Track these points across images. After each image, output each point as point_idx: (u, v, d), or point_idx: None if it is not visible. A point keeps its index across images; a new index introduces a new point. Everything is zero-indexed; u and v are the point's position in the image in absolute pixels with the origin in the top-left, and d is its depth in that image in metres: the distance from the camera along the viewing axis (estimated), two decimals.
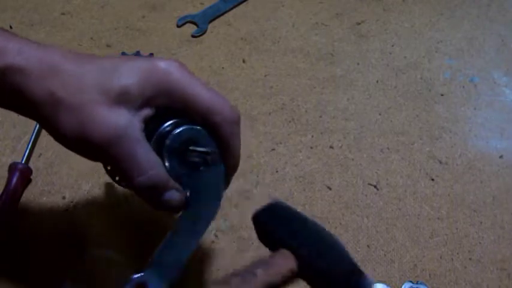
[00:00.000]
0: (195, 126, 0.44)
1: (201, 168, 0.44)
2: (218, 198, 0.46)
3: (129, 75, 0.42)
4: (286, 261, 0.39)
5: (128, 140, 0.41)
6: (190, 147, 0.44)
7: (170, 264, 0.43)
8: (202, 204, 0.45)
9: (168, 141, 0.43)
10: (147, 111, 0.42)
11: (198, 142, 0.44)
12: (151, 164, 0.42)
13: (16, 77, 0.40)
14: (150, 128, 0.43)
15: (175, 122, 0.44)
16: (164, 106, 0.43)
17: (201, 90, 0.43)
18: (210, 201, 0.45)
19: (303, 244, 0.40)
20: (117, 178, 0.49)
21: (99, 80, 0.41)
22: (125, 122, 0.41)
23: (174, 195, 0.44)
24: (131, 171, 0.42)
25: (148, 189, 0.43)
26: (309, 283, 0.41)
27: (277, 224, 0.42)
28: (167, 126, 0.44)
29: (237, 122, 0.45)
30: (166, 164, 0.43)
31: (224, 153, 0.45)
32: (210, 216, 0.45)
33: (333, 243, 0.40)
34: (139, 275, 0.42)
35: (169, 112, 0.43)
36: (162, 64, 0.43)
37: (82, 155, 0.43)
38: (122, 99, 0.41)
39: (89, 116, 0.40)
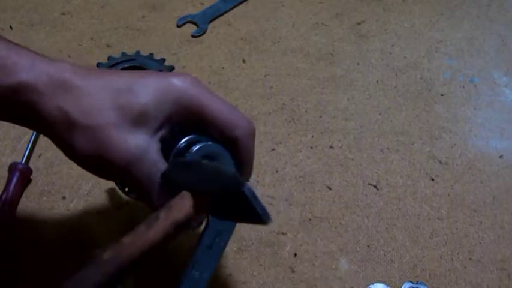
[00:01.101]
0: (212, 143, 0.44)
1: None
2: None
3: (145, 95, 0.41)
4: (185, 200, 0.40)
5: (147, 163, 0.41)
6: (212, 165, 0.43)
7: (198, 281, 0.44)
8: (222, 221, 0.45)
9: (188, 158, 0.42)
10: (163, 131, 0.42)
11: (216, 158, 0.44)
12: (165, 191, 0.42)
13: (29, 95, 0.40)
14: (166, 144, 0.43)
15: (191, 137, 0.43)
16: (181, 121, 0.43)
17: (218, 105, 0.43)
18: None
19: (197, 179, 0.41)
20: (126, 189, 0.49)
21: (115, 99, 0.41)
22: (144, 143, 0.41)
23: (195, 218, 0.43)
24: (151, 193, 0.42)
25: None
26: (212, 214, 0.43)
27: (177, 175, 0.43)
28: (184, 142, 0.43)
29: (253, 135, 0.46)
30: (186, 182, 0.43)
31: (241, 166, 0.45)
32: (231, 229, 0.46)
33: (216, 169, 0.42)
34: None
35: (185, 127, 0.43)
36: (177, 81, 0.42)
37: (95, 174, 0.43)
38: (140, 119, 0.41)
39: (106, 139, 0.40)
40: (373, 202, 0.63)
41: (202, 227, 0.45)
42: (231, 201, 0.39)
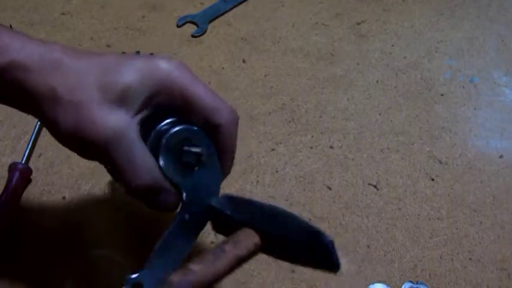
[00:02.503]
0: (192, 127, 0.44)
1: (196, 168, 0.44)
2: (216, 191, 0.46)
3: (130, 74, 0.41)
4: (250, 237, 0.41)
5: (125, 142, 0.41)
6: (185, 148, 0.43)
7: (166, 264, 0.43)
8: (199, 201, 0.45)
9: (164, 140, 0.43)
10: (145, 112, 0.42)
11: (193, 142, 0.43)
12: (147, 167, 0.42)
13: (19, 73, 0.41)
14: (147, 126, 0.43)
15: (172, 121, 0.44)
16: (164, 104, 0.43)
17: (202, 90, 0.43)
18: (208, 196, 0.45)
19: (262, 219, 0.42)
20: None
21: (100, 77, 0.41)
22: (123, 123, 0.41)
23: (169, 197, 0.44)
24: (127, 174, 0.42)
25: (143, 192, 0.43)
26: (274, 254, 0.43)
27: (233, 210, 0.44)
28: (164, 125, 0.43)
29: (236, 123, 0.45)
30: (162, 163, 0.43)
31: (222, 153, 0.45)
32: (209, 209, 0.45)
33: (289, 214, 0.43)
34: (135, 275, 0.42)
35: (167, 110, 0.43)
36: (163, 63, 0.43)
37: (78, 154, 0.43)
38: (122, 98, 0.41)
39: (87, 115, 0.40)
40: (373, 202, 0.63)
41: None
42: (304, 249, 0.40)
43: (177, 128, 0.43)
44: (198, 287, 0.38)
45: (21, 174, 0.61)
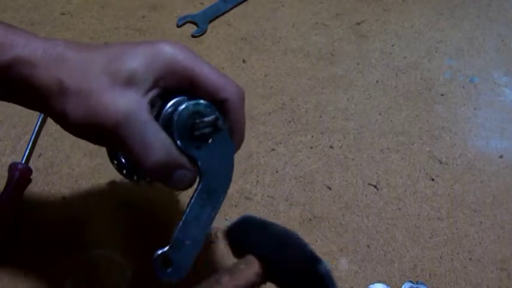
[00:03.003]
0: (200, 100, 0.44)
1: (210, 140, 0.44)
2: (230, 169, 0.46)
3: (135, 59, 0.42)
4: (250, 266, 0.40)
5: (137, 122, 0.41)
6: (197, 120, 0.44)
7: (191, 239, 0.44)
8: (216, 177, 0.45)
9: (175, 117, 0.43)
10: (153, 92, 0.43)
11: (204, 114, 0.44)
12: (162, 143, 0.42)
13: (24, 69, 0.41)
14: (157, 106, 0.44)
15: (181, 99, 0.44)
16: (171, 87, 0.44)
17: (207, 70, 0.44)
18: (222, 173, 0.46)
19: (264, 246, 0.42)
20: (124, 172, 0.49)
21: (106, 66, 0.42)
22: (133, 103, 0.41)
23: (186, 172, 0.44)
24: (143, 153, 0.42)
25: (160, 169, 0.43)
26: (275, 283, 0.42)
27: (245, 236, 0.44)
28: (173, 103, 0.44)
29: (243, 98, 0.47)
30: (176, 138, 0.43)
31: (231, 128, 0.46)
32: (225, 187, 0.46)
33: (291, 241, 0.42)
34: (163, 250, 0.42)
35: (174, 91, 0.44)
36: (166, 47, 0.43)
37: (91, 141, 0.44)
38: (130, 82, 0.42)
39: (97, 101, 0.41)
40: (373, 202, 0.63)
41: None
42: (302, 278, 0.39)
43: (186, 104, 0.44)
44: None
45: (21, 174, 0.61)
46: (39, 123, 0.67)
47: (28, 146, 0.65)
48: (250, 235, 0.43)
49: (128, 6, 0.85)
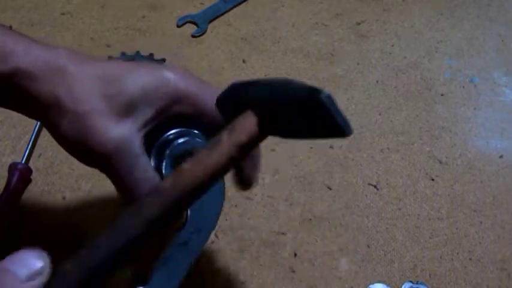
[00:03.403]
0: (197, 139, 0.43)
1: None
2: (217, 212, 0.46)
3: (135, 86, 0.41)
4: (248, 118, 0.37)
5: (127, 155, 0.40)
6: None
7: (170, 278, 0.43)
8: (202, 218, 0.44)
9: (168, 151, 0.42)
10: (151, 125, 0.42)
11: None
12: (149, 181, 0.41)
13: (22, 80, 0.40)
14: (153, 134, 0.43)
15: (178, 131, 0.43)
16: (172, 115, 0.42)
17: (212, 97, 0.42)
18: (209, 215, 0.45)
19: (260, 94, 0.37)
20: None
21: (105, 87, 0.41)
22: (127, 135, 0.40)
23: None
24: (128, 187, 0.41)
25: None
26: (279, 133, 0.37)
27: (237, 95, 0.40)
28: (171, 134, 0.43)
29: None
30: (164, 172, 0.42)
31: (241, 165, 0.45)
32: (210, 228, 0.45)
33: (286, 82, 0.36)
34: None
35: (175, 119, 0.43)
36: (168, 74, 0.42)
37: (80, 161, 0.43)
38: (128, 111, 0.41)
39: (90, 126, 0.40)
40: (373, 202, 0.63)
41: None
42: (303, 114, 0.34)
43: (182, 140, 0.43)
44: (190, 186, 0.35)
45: (21, 174, 0.61)
46: (39, 123, 0.67)
47: (28, 146, 0.65)
48: (242, 93, 0.39)
49: (128, 6, 0.85)
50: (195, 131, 0.44)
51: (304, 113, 0.34)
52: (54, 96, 0.40)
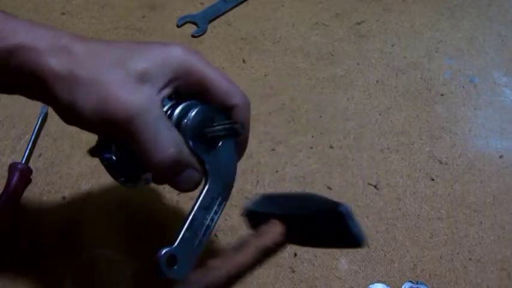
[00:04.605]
0: (210, 105, 0.45)
1: (220, 144, 0.45)
2: (233, 175, 0.47)
3: (148, 58, 0.42)
4: (274, 227, 0.42)
5: (150, 117, 0.41)
6: (211, 123, 0.44)
7: (197, 238, 0.44)
8: (220, 181, 0.46)
9: (189, 119, 0.44)
10: (166, 91, 0.43)
11: (214, 119, 0.45)
12: (174, 140, 0.42)
13: (29, 55, 0.40)
14: (168, 107, 0.44)
15: (188, 103, 0.45)
16: (182, 89, 0.44)
17: (217, 75, 0.45)
18: (227, 178, 0.47)
19: (285, 205, 0.45)
20: (122, 179, 0.48)
21: (119, 59, 0.41)
22: (147, 99, 0.41)
23: (194, 173, 0.44)
24: (154, 148, 0.41)
25: (169, 166, 0.42)
26: (301, 242, 0.45)
27: (265, 208, 0.46)
28: (183, 107, 0.44)
29: (249, 107, 0.47)
30: (189, 142, 0.44)
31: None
32: (228, 191, 0.47)
33: (311, 196, 0.45)
34: (168, 248, 0.42)
35: (182, 95, 0.45)
36: (178, 50, 0.44)
37: (97, 133, 0.44)
38: (143, 78, 0.41)
39: (110, 93, 0.40)
40: (373, 202, 0.63)
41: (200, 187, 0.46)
42: (323, 224, 0.40)
43: (200, 107, 0.44)
44: (215, 283, 0.38)
45: (21, 174, 0.61)
46: (39, 123, 0.67)
47: (28, 146, 0.65)
48: (269, 204, 0.45)
49: (128, 6, 0.85)
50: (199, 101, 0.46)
51: (324, 223, 0.40)
52: (67, 67, 0.40)
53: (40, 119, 0.67)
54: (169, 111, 0.44)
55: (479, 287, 0.56)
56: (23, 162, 0.63)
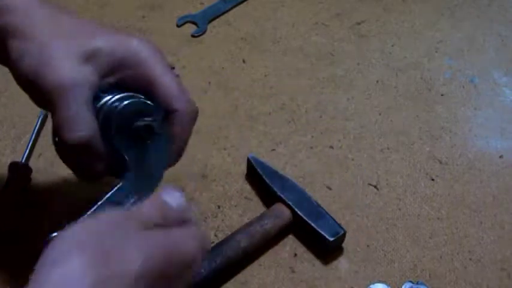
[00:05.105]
0: (146, 101, 0.44)
1: (148, 142, 0.44)
2: (159, 174, 0.46)
3: (103, 40, 0.43)
4: (283, 212, 0.58)
5: (72, 95, 0.41)
6: (138, 120, 0.43)
7: None
8: (142, 178, 0.45)
9: (117, 109, 0.43)
10: (108, 79, 0.43)
11: (148, 115, 0.44)
12: (87, 123, 0.42)
13: (7, 16, 0.43)
14: (106, 96, 0.44)
15: (127, 94, 0.44)
16: (128, 81, 0.44)
17: (167, 77, 0.45)
18: (151, 176, 0.45)
19: (290, 199, 0.58)
20: (56, 139, 0.47)
21: (75, 34, 0.43)
22: (80, 77, 0.42)
23: (98, 163, 0.44)
24: (66, 125, 0.42)
25: (76, 147, 0.42)
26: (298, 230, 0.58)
27: (268, 178, 0.61)
28: (120, 97, 0.44)
29: (192, 116, 0.46)
30: (113, 130, 0.43)
31: (172, 140, 0.46)
32: (150, 189, 0.45)
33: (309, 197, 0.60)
34: (54, 234, 0.41)
35: (127, 87, 0.44)
36: (136, 41, 0.44)
37: (32, 99, 0.45)
38: (90, 59, 0.42)
39: (50, 62, 0.42)
40: (373, 202, 0.63)
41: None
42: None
43: (133, 100, 0.44)
44: None
45: (21, 174, 0.61)
46: (39, 123, 0.67)
47: (28, 146, 0.65)
48: (272, 178, 0.61)
49: (128, 6, 0.85)
50: (140, 96, 0.45)
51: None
52: (27, 24, 0.42)
53: (40, 119, 0.67)
54: (106, 98, 0.44)
55: (479, 287, 0.56)
56: (23, 162, 0.63)
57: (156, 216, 0.36)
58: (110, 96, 0.44)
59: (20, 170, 0.62)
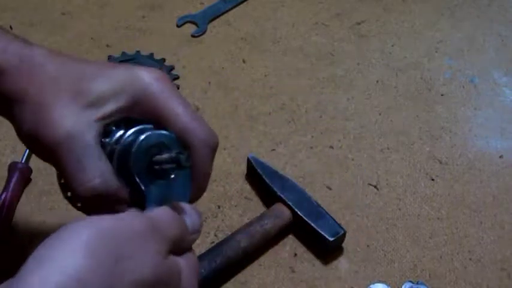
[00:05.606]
0: (162, 131, 0.41)
1: (166, 179, 0.41)
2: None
3: (106, 84, 0.41)
4: (283, 212, 0.58)
5: (78, 143, 0.39)
6: (159, 153, 0.40)
7: None
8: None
9: (134, 147, 0.40)
10: (113, 118, 0.41)
11: (168, 147, 0.40)
12: (100, 171, 0.39)
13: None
14: (118, 131, 0.41)
15: (140, 128, 0.41)
16: (138, 115, 0.41)
17: (180, 108, 0.41)
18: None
19: (290, 199, 0.59)
20: (69, 194, 0.44)
21: (76, 84, 0.41)
22: (81, 124, 0.40)
23: (121, 208, 0.40)
24: (76, 177, 0.39)
25: (92, 197, 0.40)
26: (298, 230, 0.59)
27: (268, 178, 0.61)
28: (133, 132, 0.41)
29: (212, 147, 0.43)
30: (133, 173, 0.40)
31: (193, 176, 0.43)
32: None
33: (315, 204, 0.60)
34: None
35: (139, 120, 0.41)
36: (143, 75, 0.41)
37: (37, 155, 0.43)
38: (93, 102, 0.40)
39: (47, 114, 0.40)
40: (373, 202, 0.63)
41: None
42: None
43: (149, 133, 0.40)
44: None
45: (21, 174, 0.61)
46: None
47: None
48: (272, 178, 0.62)
49: (127, 6, 0.85)
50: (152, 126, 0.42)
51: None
52: (23, 90, 0.41)
53: None
54: (119, 133, 0.41)
55: (479, 287, 0.56)
56: (23, 162, 0.63)
57: (175, 236, 0.36)
58: (122, 131, 0.41)
59: (20, 170, 0.62)
